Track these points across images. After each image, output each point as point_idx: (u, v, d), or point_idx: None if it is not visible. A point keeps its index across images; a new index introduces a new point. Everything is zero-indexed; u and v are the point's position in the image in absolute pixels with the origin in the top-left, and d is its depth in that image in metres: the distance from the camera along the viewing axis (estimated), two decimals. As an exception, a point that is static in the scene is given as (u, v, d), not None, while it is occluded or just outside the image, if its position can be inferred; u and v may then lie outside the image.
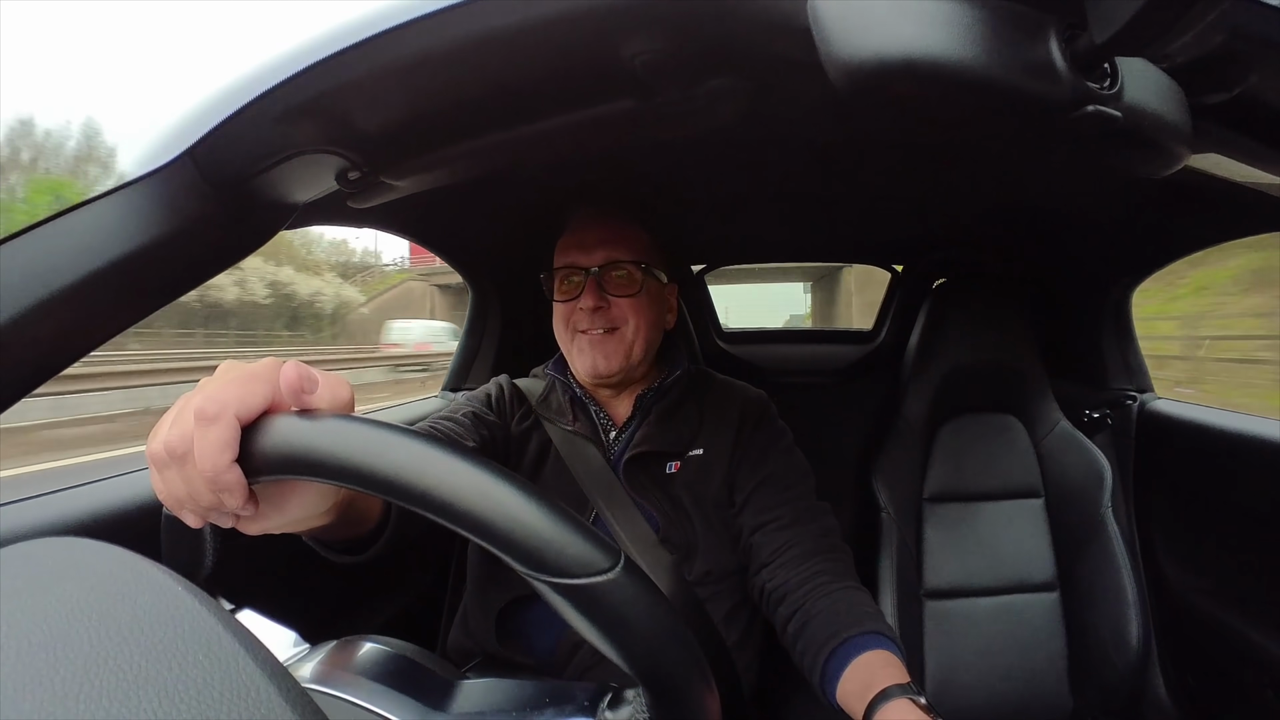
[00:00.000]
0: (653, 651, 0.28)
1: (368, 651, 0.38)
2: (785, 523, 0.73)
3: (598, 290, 0.75)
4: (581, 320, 0.76)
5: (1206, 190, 0.79)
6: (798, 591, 0.67)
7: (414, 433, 0.29)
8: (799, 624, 0.65)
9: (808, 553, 0.70)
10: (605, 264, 0.75)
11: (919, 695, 0.51)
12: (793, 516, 0.73)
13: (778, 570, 0.70)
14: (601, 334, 0.75)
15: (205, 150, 0.42)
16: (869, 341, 1.78)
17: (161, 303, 0.46)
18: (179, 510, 0.33)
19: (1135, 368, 1.24)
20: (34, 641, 0.20)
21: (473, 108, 0.45)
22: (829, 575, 0.67)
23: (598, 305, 0.74)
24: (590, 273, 0.75)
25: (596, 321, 0.75)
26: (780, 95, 0.49)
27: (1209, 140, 0.35)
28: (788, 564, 0.70)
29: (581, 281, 0.75)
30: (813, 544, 0.70)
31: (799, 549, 0.70)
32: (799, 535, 0.71)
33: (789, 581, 0.68)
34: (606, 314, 0.75)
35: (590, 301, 0.74)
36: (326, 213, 0.73)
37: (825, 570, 0.68)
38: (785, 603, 0.68)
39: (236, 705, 0.19)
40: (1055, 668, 1.10)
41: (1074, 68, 0.26)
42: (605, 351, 0.75)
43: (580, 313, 0.75)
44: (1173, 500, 1.09)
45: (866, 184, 0.97)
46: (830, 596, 0.65)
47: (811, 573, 0.68)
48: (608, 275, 0.76)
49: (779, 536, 0.72)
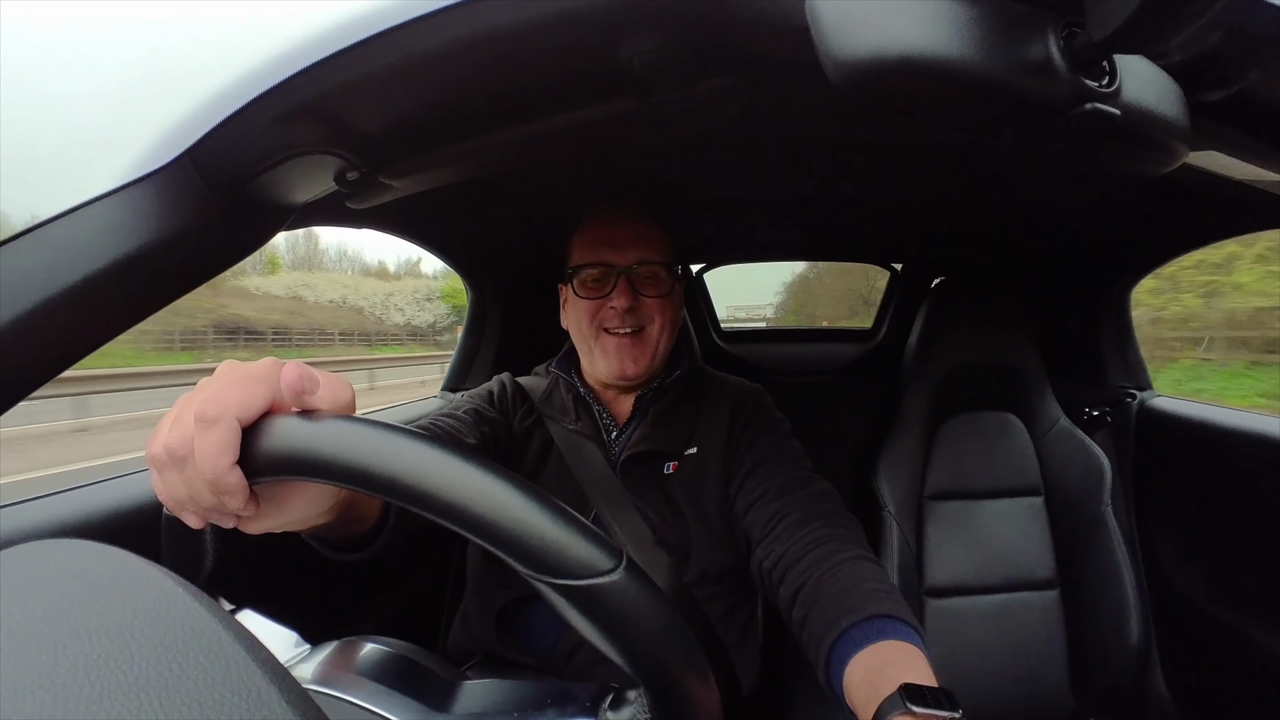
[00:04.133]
0: (654, 652, 0.28)
1: (369, 652, 0.38)
2: (775, 493, 0.69)
3: (630, 289, 0.74)
4: (610, 319, 0.75)
5: (1205, 188, 0.79)
6: (798, 565, 0.61)
7: (416, 434, 0.29)
8: (804, 608, 0.58)
9: (804, 519, 0.64)
10: (638, 263, 0.75)
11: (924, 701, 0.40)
12: (782, 486, 0.70)
13: (774, 544, 0.65)
14: (630, 336, 0.75)
15: (204, 151, 0.42)
16: (868, 340, 1.78)
17: (161, 303, 0.46)
18: (179, 511, 0.33)
19: (1134, 365, 1.24)
20: (35, 643, 0.20)
21: (471, 108, 0.45)
22: (833, 544, 0.60)
23: (631, 305, 0.74)
24: (623, 271, 0.74)
25: (628, 320, 0.74)
26: (779, 95, 0.49)
27: (1207, 138, 0.35)
28: (784, 534, 0.65)
29: (612, 280, 0.75)
30: (807, 509, 0.66)
31: (794, 515, 0.65)
32: (791, 503, 0.67)
33: (788, 554, 0.63)
34: (638, 313, 0.75)
35: (625, 301, 0.73)
36: (325, 213, 0.73)
37: (826, 538, 0.61)
38: (786, 581, 0.61)
39: (237, 706, 0.19)
40: (1055, 665, 1.10)
41: (1072, 66, 0.26)
42: (634, 354, 0.75)
43: (610, 311, 0.74)
44: (1172, 497, 1.09)
45: (866, 184, 0.97)
46: (835, 572, 0.57)
47: (811, 541, 0.62)
48: (638, 274, 0.75)
49: (770, 508, 0.68)
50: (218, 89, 0.41)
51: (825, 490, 0.70)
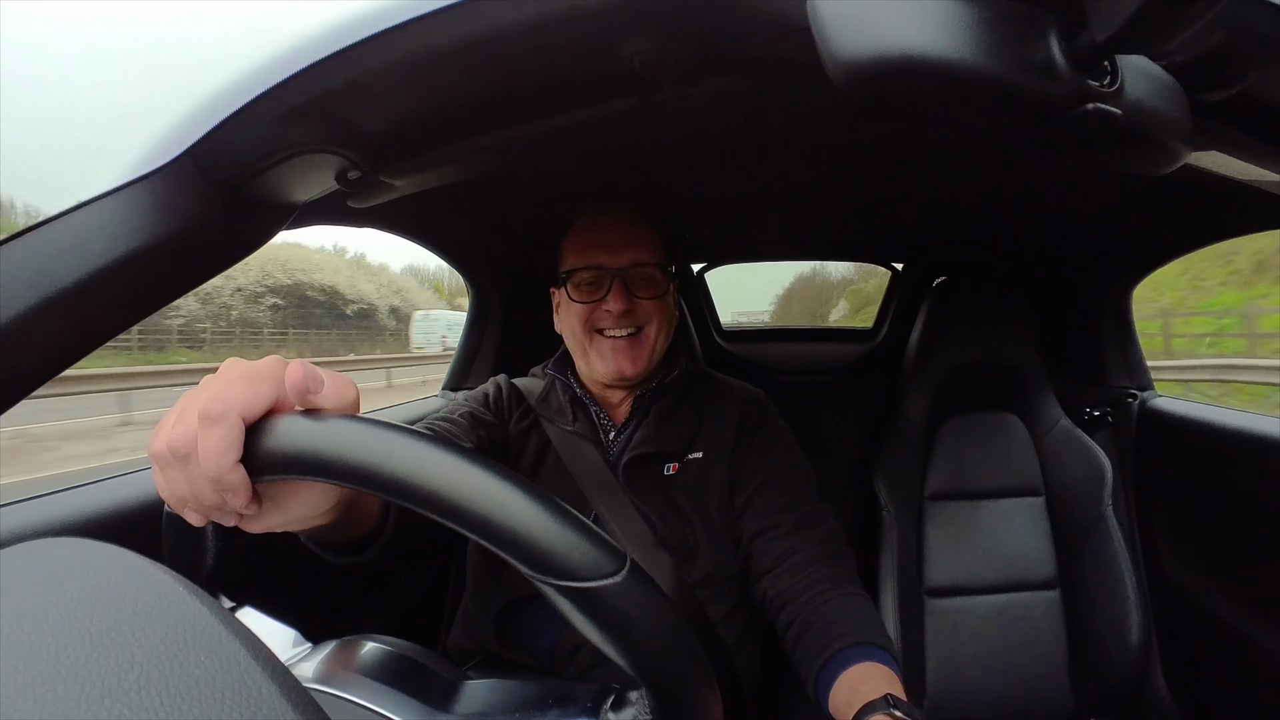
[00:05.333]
0: (657, 654, 0.28)
1: (370, 651, 0.38)
2: (786, 530, 0.72)
3: (625, 292, 0.74)
4: (604, 321, 0.75)
5: (1206, 188, 0.79)
6: (799, 599, 0.67)
7: (420, 434, 0.29)
8: (798, 631, 0.65)
9: (809, 559, 0.69)
10: (632, 265, 0.75)
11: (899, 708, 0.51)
12: (794, 523, 0.72)
13: (780, 578, 0.69)
14: (627, 338, 0.75)
15: (205, 150, 0.42)
16: (869, 340, 1.78)
17: (161, 303, 0.46)
18: (181, 509, 0.33)
19: (1135, 365, 1.24)
20: (35, 642, 0.20)
21: (472, 107, 0.45)
22: (830, 581, 0.67)
23: (627, 307, 0.74)
24: (617, 274, 0.74)
25: (623, 323, 0.74)
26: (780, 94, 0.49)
27: (1209, 138, 0.35)
28: (789, 571, 0.69)
29: (606, 283, 0.75)
30: (814, 550, 0.70)
31: (801, 555, 0.70)
32: (800, 542, 0.71)
33: (791, 589, 0.68)
34: (633, 316, 0.75)
35: (620, 304, 0.73)
36: (326, 213, 0.72)
37: (827, 576, 0.67)
38: (786, 610, 0.67)
39: (238, 705, 0.19)
40: (1056, 665, 1.10)
41: (1074, 65, 0.25)
42: (631, 356, 0.75)
43: (605, 314, 0.74)
44: (1173, 498, 1.09)
45: (866, 183, 0.97)
46: (829, 604, 0.65)
47: (813, 579, 0.67)
48: (633, 276, 0.75)
49: (780, 544, 0.71)
50: (219, 87, 0.41)
51: (831, 530, 0.74)
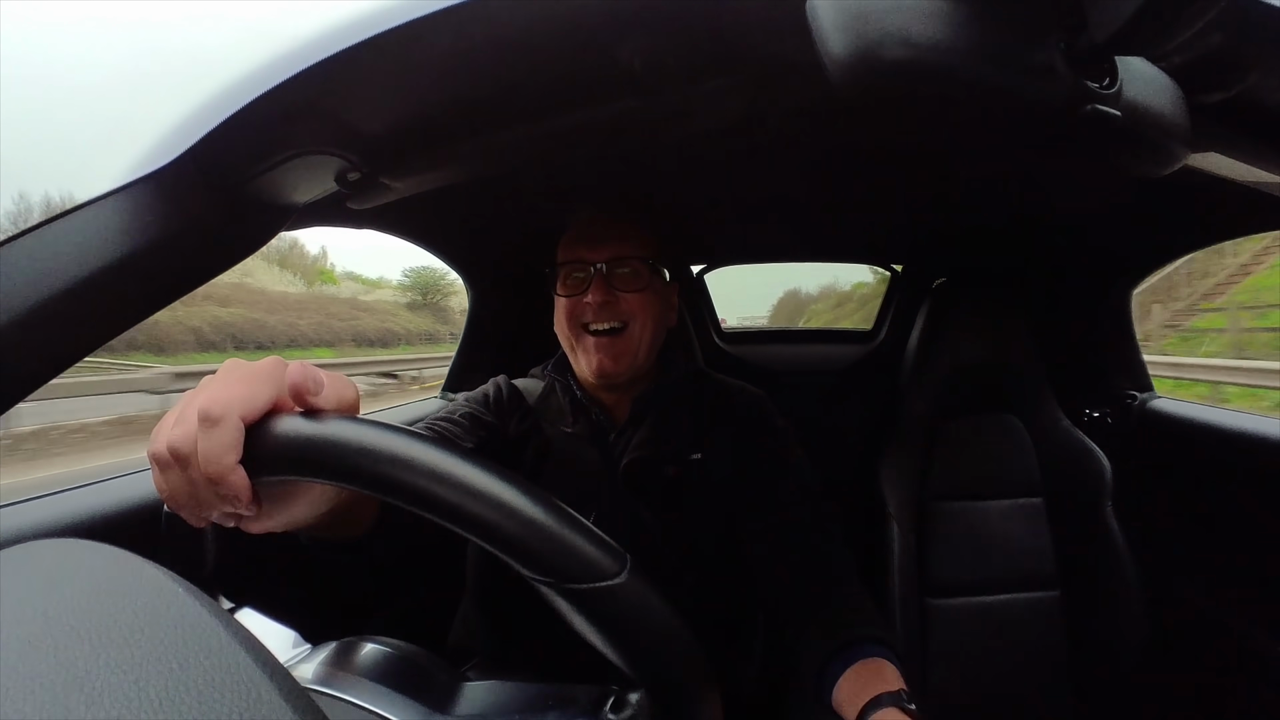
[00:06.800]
0: (657, 655, 0.28)
1: (369, 652, 0.38)
2: (787, 530, 0.72)
3: (605, 285, 0.74)
4: (587, 315, 0.74)
5: (1206, 189, 0.79)
6: (800, 599, 0.67)
7: (420, 435, 0.29)
8: (800, 630, 0.65)
9: (810, 559, 0.70)
10: (612, 259, 0.74)
11: (909, 703, 0.51)
12: (795, 523, 0.72)
13: (780, 578, 0.70)
14: (609, 335, 0.74)
15: (206, 151, 0.42)
16: (869, 341, 1.78)
17: (162, 303, 0.46)
18: (181, 510, 0.33)
19: (1135, 367, 1.24)
20: (34, 643, 0.20)
21: (472, 109, 0.45)
22: (831, 581, 0.67)
23: (605, 299, 0.73)
24: (597, 267, 0.74)
25: (603, 316, 0.74)
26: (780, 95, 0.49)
27: (1208, 139, 0.35)
28: (790, 570, 0.70)
29: (588, 277, 0.74)
30: (815, 550, 0.70)
31: (802, 555, 0.70)
32: (801, 542, 0.71)
33: (792, 588, 0.68)
34: (614, 309, 0.74)
35: (598, 296, 0.73)
36: (326, 214, 0.73)
37: (828, 576, 0.68)
38: (787, 609, 0.68)
39: (237, 706, 0.19)
40: (1056, 665, 1.10)
41: (1073, 67, 0.25)
42: (614, 353, 0.74)
43: (586, 308, 0.74)
44: (1173, 499, 1.09)
45: (867, 185, 0.97)
46: (831, 603, 0.65)
47: (814, 579, 0.68)
48: (615, 270, 0.75)
49: (781, 544, 0.71)
50: (219, 89, 0.41)
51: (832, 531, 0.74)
